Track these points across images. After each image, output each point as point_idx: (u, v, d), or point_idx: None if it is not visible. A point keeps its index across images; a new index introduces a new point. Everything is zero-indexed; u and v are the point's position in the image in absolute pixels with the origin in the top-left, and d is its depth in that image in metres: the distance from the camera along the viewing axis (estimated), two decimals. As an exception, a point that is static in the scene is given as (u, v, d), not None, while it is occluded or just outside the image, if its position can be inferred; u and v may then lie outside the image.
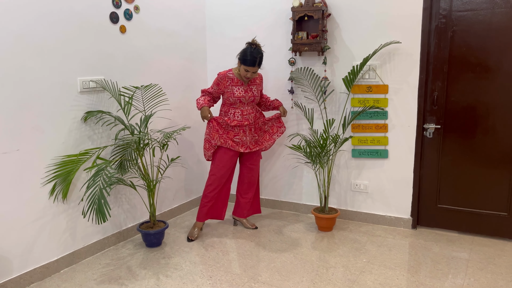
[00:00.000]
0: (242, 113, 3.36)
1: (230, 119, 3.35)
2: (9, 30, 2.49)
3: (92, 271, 2.91)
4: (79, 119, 2.95)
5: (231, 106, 3.36)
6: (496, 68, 3.18)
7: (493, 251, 3.17)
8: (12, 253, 2.62)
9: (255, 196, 3.70)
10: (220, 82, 3.31)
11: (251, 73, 3.23)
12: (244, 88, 3.32)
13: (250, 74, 3.23)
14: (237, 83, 3.31)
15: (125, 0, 3.22)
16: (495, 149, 3.27)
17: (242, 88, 3.32)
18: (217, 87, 3.33)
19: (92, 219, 2.72)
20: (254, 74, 3.26)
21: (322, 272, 2.86)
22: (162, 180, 3.66)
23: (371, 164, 3.66)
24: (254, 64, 3.18)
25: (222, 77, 3.30)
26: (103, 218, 2.60)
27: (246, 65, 3.19)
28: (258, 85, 3.42)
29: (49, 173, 2.77)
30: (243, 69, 3.22)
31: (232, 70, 3.34)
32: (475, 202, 3.40)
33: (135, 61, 3.38)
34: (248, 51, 3.18)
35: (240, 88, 3.31)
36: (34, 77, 2.64)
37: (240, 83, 3.32)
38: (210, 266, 2.97)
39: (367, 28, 3.48)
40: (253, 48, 3.18)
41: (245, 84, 3.34)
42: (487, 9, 3.13)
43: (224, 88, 3.31)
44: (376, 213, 3.71)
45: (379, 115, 3.54)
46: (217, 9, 4.08)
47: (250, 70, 3.21)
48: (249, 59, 3.16)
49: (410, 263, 3.00)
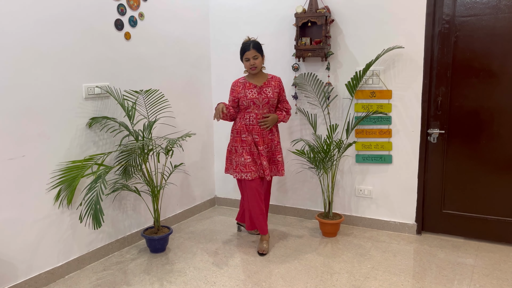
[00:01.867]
0: (256, 116, 3.22)
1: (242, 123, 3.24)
2: (15, 38, 2.52)
3: (96, 277, 2.91)
4: (84, 126, 2.98)
5: (245, 110, 3.24)
6: (500, 73, 3.17)
7: (499, 257, 3.15)
8: (18, 259, 2.63)
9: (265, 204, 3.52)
10: (233, 89, 3.26)
11: (252, 59, 3.16)
12: (257, 90, 3.23)
13: (252, 61, 3.16)
14: (249, 87, 3.23)
15: (129, 7, 3.25)
16: (500, 153, 3.26)
17: (256, 90, 3.22)
18: (231, 96, 3.27)
19: (89, 224, 2.73)
20: (256, 60, 3.17)
21: (327, 278, 2.85)
22: (166, 186, 3.67)
23: (375, 169, 3.66)
24: (249, 48, 3.14)
25: (234, 83, 3.28)
26: (98, 223, 2.60)
27: (243, 53, 3.18)
28: (274, 87, 3.26)
29: (54, 178, 2.79)
30: (244, 61, 3.20)
31: (244, 77, 3.32)
32: (480, 208, 3.38)
33: (140, 68, 3.41)
34: (242, 44, 3.23)
35: (253, 90, 3.22)
36: (40, 84, 2.67)
37: (253, 86, 3.23)
38: (214, 272, 2.97)
39: (370, 33, 3.49)
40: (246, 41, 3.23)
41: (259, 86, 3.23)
42: (491, 15, 3.14)
43: (238, 94, 3.23)
44: (381, 219, 3.70)
45: (383, 121, 3.54)
46: (221, 16, 4.10)
47: (249, 56, 3.15)
48: (242, 48, 3.18)
49: (415, 269, 2.98)
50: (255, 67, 3.18)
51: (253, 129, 3.22)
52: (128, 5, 3.23)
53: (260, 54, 3.19)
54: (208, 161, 4.32)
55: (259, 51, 3.18)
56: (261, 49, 3.21)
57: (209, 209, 4.35)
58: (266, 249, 3.24)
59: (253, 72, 3.22)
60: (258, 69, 3.21)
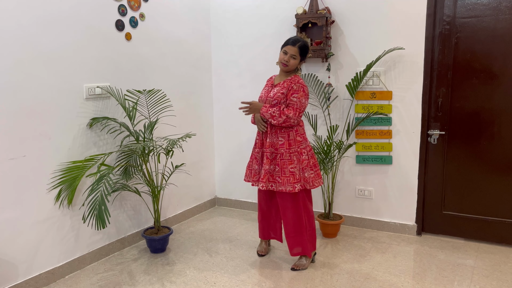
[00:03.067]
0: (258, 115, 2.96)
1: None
2: (16, 38, 2.52)
3: (96, 277, 2.92)
4: (84, 126, 2.98)
5: None
6: (500, 75, 3.18)
7: (499, 258, 3.15)
8: (18, 259, 2.63)
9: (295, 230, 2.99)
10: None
11: (289, 56, 2.81)
12: (270, 88, 2.96)
13: (287, 58, 2.82)
14: (268, 84, 3.01)
15: (130, 8, 3.26)
16: (500, 155, 3.26)
17: (268, 89, 2.97)
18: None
19: (92, 225, 2.74)
20: (294, 60, 2.83)
21: (327, 279, 2.85)
22: (166, 186, 3.68)
23: (375, 170, 3.66)
24: (295, 44, 2.81)
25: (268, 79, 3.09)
26: (102, 224, 2.61)
27: (285, 45, 2.85)
28: (284, 88, 2.84)
29: (54, 179, 2.79)
30: (281, 53, 2.86)
31: None
32: (481, 209, 3.38)
33: (141, 68, 3.41)
34: (293, 36, 2.93)
35: (266, 88, 2.98)
36: (41, 84, 2.68)
37: (271, 83, 2.98)
38: (214, 272, 2.98)
39: (371, 35, 3.50)
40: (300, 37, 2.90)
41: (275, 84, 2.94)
42: (491, 16, 3.14)
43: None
44: (381, 219, 3.70)
45: (383, 122, 3.54)
46: (222, 16, 4.11)
47: (289, 51, 2.81)
48: (291, 39, 2.85)
49: (415, 270, 2.98)
50: (286, 64, 2.85)
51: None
52: (129, 6, 3.24)
53: (301, 56, 2.86)
54: (209, 161, 4.32)
55: (301, 54, 2.85)
56: (305, 53, 2.87)
57: (210, 210, 4.35)
58: (264, 251, 3.24)
59: (283, 69, 2.89)
60: (289, 68, 2.87)
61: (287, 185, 2.83)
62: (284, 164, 2.84)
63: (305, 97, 2.84)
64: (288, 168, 2.83)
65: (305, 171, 2.87)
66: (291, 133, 2.86)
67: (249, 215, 4.14)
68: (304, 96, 2.82)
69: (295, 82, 2.84)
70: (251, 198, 4.26)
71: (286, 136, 2.85)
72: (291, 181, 2.82)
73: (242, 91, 4.11)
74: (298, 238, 2.95)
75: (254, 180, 3.01)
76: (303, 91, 2.82)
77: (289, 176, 2.83)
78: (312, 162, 2.95)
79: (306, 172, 2.88)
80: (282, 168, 2.84)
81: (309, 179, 2.89)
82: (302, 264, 3.00)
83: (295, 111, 2.79)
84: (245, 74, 4.08)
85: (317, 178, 2.95)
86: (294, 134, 2.87)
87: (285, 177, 2.83)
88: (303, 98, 2.81)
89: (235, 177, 4.30)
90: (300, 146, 2.87)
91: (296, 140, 2.86)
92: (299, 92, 2.80)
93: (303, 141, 2.89)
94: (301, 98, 2.80)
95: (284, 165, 2.84)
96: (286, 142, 2.85)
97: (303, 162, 2.87)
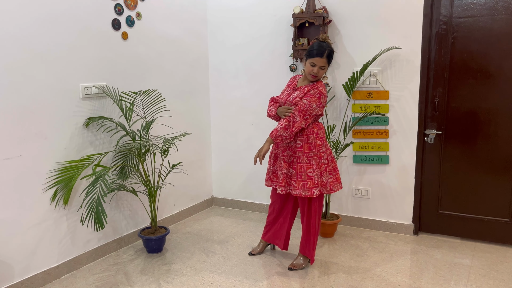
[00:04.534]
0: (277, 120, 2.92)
1: None
2: (12, 37, 2.51)
3: (93, 277, 2.90)
4: (81, 125, 2.97)
5: None
6: (497, 74, 3.18)
7: (495, 257, 3.16)
8: (14, 259, 2.62)
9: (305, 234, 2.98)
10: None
11: (317, 68, 2.70)
12: (289, 92, 2.86)
13: (316, 70, 2.70)
14: (290, 85, 2.91)
15: (127, 7, 3.24)
16: (497, 154, 3.27)
17: (289, 91, 2.86)
18: None
19: (91, 226, 2.73)
20: (323, 70, 2.72)
21: (324, 279, 2.85)
22: (163, 186, 3.67)
23: (372, 170, 3.66)
24: (322, 55, 2.68)
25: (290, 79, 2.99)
26: (101, 225, 2.60)
27: (311, 56, 2.70)
28: (304, 93, 2.75)
29: (50, 178, 2.78)
30: (308, 64, 2.73)
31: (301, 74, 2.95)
32: (477, 208, 3.39)
33: (137, 68, 3.40)
34: (315, 44, 2.75)
35: (288, 91, 2.87)
36: (37, 83, 2.66)
37: (292, 87, 2.88)
38: (211, 272, 2.97)
39: (368, 34, 3.50)
40: (322, 42, 2.76)
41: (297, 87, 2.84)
42: (488, 16, 3.15)
43: None
44: (378, 219, 3.70)
45: (380, 121, 3.54)
46: (219, 16, 4.10)
47: (317, 63, 2.69)
48: (316, 49, 2.70)
49: (412, 270, 2.98)
50: (316, 76, 2.75)
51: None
52: (125, 5, 3.23)
53: (329, 64, 2.77)
54: (206, 161, 4.31)
55: (329, 62, 2.76)
56: (332, 58, 2.77)
57: (206, 209, 4.34)
58: (256, 251, 3.23)
59: (311, 80, 2.79)
60: (318, 78, 2.79)
61: (303, 189, 2.77)
62: (301, 167, 2.78)
63: (318, 104, 2.73)
64: (306, 172, 2.76)
65: (323, 175, 2.83)
66: (311, 136, 2.78)
67: (246, 215, 4.14)
68: (316, 102, 2.72)
69: (315, 88, 2.75)
70: (248, 198, 4.25)
71: (305, 140, 2.78)
72: (308, 186, 2.76)
73: (239, 91, 4.11)
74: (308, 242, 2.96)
75: (265, 179, 3.05)
76: (317, 98, 2.72)
77: (306, 180, 2.76)
78: (332, 166, 2.90)
79: (324, 176, 2.84)
80: (299, 171, 2.78)
81: (327, 183, 2.86)
82: (300, 264, 3.00)
83: (299, 112, 2.71)
84: (242, 74, 4.08)
85: (335, 183, 2.91)
86: (314, 138, 2.78)
87: (301, 181, 2.78)
88: (314, 103, 2.72)
89: (232, 176, 4.29)
90: (319, 150, 2.80)
91: (316, 144, 2.79)
92: (313, 98, 2.72)
93: (322, 145, 2.83)
94: (311, 103, 2.71)
95: (300, 169, 2.78)
96: (305, 146, 2.78)
97: (321, 166, 2.81)
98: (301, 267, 2.99)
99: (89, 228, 3.04)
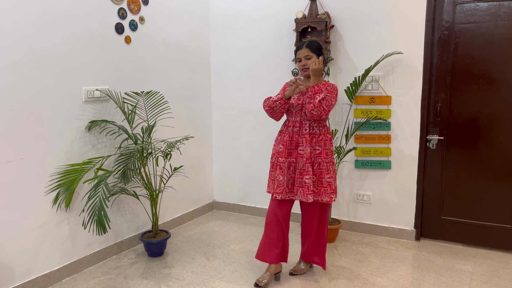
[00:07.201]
0: (286, 124, 2.81)
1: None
2: (15, 40, 2.52)
3: (93, 281, 2.90)
4: (83, 129, 2.97)
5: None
6: (499, 80, 3.18)
7: (497, 263, 3.14)
8: (15, 262, 2.62)
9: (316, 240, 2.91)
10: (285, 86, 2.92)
11: (304, 60, 2.71)
12: (299, 96, 2.78)
13: (303, 62, 2.72)
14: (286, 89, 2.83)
15: (130, 11, 3.26)
16: (499, 160, 3.26)
17: (298, 95, 2.78)
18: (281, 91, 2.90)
19: (93, 230, 2.72)
20: (310, 60, 2.70)
21: (325, 284, 2.84)
22: (164, 190, 3.67)
23: (374, 175, 3.66)
24: (302, 46, 2.71)
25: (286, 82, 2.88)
26: (103, 229, 2.61)
27: (295, 55, 2.78)
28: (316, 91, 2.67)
29: (52, 181, 2.78)
30: (297, 62, 2.78)
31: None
32: (479, 214, 3.38)
33: (140, 71, 3.41)
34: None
35: (298, 95, 2.78)
36: (39, 87, 2.67)
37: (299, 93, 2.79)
38: (212, 276, 2.96)
39: (370, 39, 3.50)
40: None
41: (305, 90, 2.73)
42: (490, 22, 3.15)
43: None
44: (379, 224, 3.69)
45: (382, 126, 3.54)
46: (221, 20, 4.12)
47: (301, 55, 2.71)
48: (296, 47, 2.78)
49: (413, 275, 2.97)
50: (306, 68, 2.73)
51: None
52: (128, 9, 3.24)
53: (315, 54, 2.71)
54: (207, 165, 4.31)
55: (314, 51, 2.71)
56: (317, 49, 2.73)
57: (208, 213, 4.34)
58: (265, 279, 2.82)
59: (306, 74, 2.76)
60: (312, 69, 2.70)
61: (324, 195, 2.74)
62: (322, 173, 2.74)
63: (335, 100, 2.74)
64: (325, 178, 2.74)
65: (335, 181, 2.84)
66: (327, 142, 2.77)
67: (247, 219, 4.13)
68: (334, 98, 2.72)
69: (327, 85, 2.73)
70: (249, 202, 4.25)
71: (323, 145, 2.75)
72: (328, 191, 2.74)
73: (240, 95, 4.11)
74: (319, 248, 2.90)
75: (277, 192, 2.74)
76: (335, 94, 2.74)
77: (326, 186, 2.74)
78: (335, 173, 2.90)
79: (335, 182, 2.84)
80: (319, 178, 2.75)
81: (337, 189, 2.85)
82: (301, 269, 2.99)
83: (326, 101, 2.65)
84: (244, 78, 4.08)
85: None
86: (329, 144, 2.78)
87: (322, 187, 2.74)
88: (333, 100, 2.71)
89: (233, 180, 4.29)
90: (332, 156, 2.81)
91: (330, 150, 2.79)
92: (332, 93, 2.71)
93: (333, 151, 2.85)
94: (332, 99, 2.69)
95: (321, 175, 2.74)
96: (324, 152, 2.75)
97: (334, 171, 2.81)
98: (303, 272, 2.98)
99: (90, 232, 3.04)
